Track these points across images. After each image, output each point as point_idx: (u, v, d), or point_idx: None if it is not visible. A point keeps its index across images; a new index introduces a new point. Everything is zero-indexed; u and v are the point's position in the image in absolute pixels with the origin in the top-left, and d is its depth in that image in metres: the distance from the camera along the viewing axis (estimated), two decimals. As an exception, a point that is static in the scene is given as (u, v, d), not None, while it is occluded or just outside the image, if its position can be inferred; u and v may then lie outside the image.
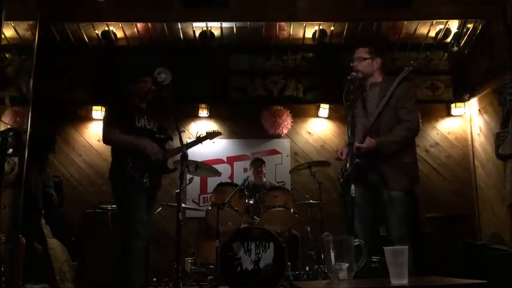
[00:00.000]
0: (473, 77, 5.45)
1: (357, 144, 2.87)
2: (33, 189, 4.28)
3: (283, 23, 5.47)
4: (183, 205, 4.11)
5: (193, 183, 4.71)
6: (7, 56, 4.68)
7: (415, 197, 4.93)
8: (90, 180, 5.66)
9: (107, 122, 3.40)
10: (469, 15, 5.11)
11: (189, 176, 4.27)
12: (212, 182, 4.92)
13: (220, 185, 4.43)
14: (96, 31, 5.45)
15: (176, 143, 3.52)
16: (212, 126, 5.85)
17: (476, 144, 5.56)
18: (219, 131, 4.15)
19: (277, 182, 5.45)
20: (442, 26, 5.40)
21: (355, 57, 3.14)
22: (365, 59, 3.11)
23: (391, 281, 1.77)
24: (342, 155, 3.16)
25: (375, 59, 3.13)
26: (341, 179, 3.22)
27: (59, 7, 4.59)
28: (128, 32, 5.54)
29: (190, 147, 3.78)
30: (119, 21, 5.35)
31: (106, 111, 3.61)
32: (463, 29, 5.41)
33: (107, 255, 4.29)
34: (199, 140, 3.89)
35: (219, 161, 5.69)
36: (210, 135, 4.00)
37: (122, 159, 3.29)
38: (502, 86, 4.35)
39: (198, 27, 5.47)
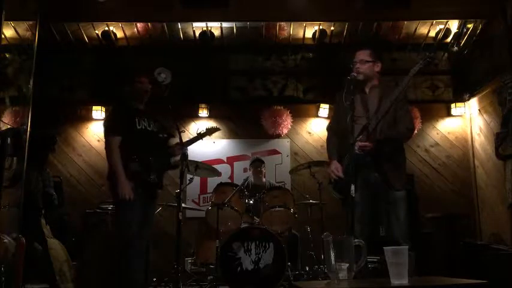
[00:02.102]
0: (473, 77, 5.45)
1: (361, 143, 2.90)
2: (33, 189, 4.27)
3: (283, 23, 5.47)
4: (183, 205, 4.11)
5: (193, 183, 4.71)
6: (7, 56, 4.68)
7: (416, 196, 4.95)
8: (90, 180, 5.66)
9: (109, 130, 3.38)
10: (469, 15, 5.11)
11: (189, 176, 4.27)
12: (212, 182, 4.91)
13: (220, 185, 4.43)
14: (96, 31, 5.45)
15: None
16: (212, 126, 5.85)
17: (476, 144, 5.56)
18: (217, 127, 4.18)
19: (277, 182, 5.45)
20: (442, 26, 5.40)
21: (358, 59, 3.16)
22: (367, 61, 3.14)
23: (391, 281, 1.77)
24: (338, 171, 3.13)
25: (376, 63, 3.18)
26: (334, 182, 3.21)
27: (59, 7, 4.59)
28: (128, 32, 5.54)
29: (191, 143, 3.80)
30: (119, 21, 5.34)
31: (107, 115, 3.57)
32: (463, 29, 5.40)
33: (107, 255, 4.29)
34: (199, 136, 3.91)
35: (219, 161, 5.69)
36: (209, 131, 4.02)
37: (125, 157, 3.28)
38: (502, 86, 4.35)
39: (198, 27, 5.47)
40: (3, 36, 4.25)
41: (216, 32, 5.56)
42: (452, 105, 5.75)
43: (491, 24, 4.99)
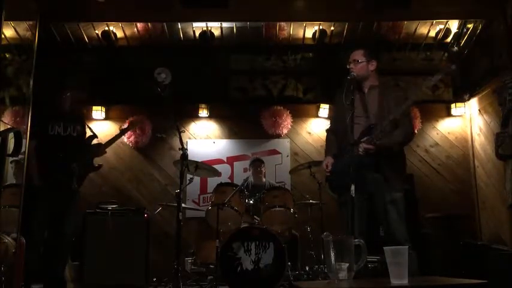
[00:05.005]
0: (473, 77, 5.45)
1: (366, 145, 2.90)
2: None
3: (283, 23, 5.47)
4: (183, 205, 4.11)
5: (193, 183, 4.71)
6: (7, 56, 4.68)
7: (415, 196, 4.95)
8: (90, 180, 5.61)
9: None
10: (469, 15, 5.11)
11: (189, 176, 4.28)
12: (212, 182, 4.91)
13: (220, 185, 4.43)
14: (96, 31, 5.45)
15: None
16: (212, 126, 5.86)
17: (476, 144, 5.56)
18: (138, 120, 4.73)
19: (277, 182, 5.45)
20: (442, 26, 5.41)
21: (351, 59, 3.17)
22: (360, 61, 3.14)
23: (391, 281, 1.77)
24: (328, 167, 3.16)
25: (371, 62, 3.17)
26: (328, 180, 3.23)
27: (59, 7, 4.59)
28: (127, 32, 5.54)
29: (113, 142, 4.07)
30: (119, 21, 5.34)
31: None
32: (463, 29, 5.41)
33: (107, 255, 4.29)
34: (122, 132, 4.27)
35: (219, 161, 5.69)
36: (132, 125, 4.68)
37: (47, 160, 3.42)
38: (502, 86, 4.35)
39: (198, 27, 5.47)
40: (3, 36, 4.25)
41: (216, 32, 5.56)
42: (452, 105, 5.75)
43: (491, 24, 4.99)
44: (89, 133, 3.96)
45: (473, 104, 5.62)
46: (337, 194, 3.18)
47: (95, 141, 3.89)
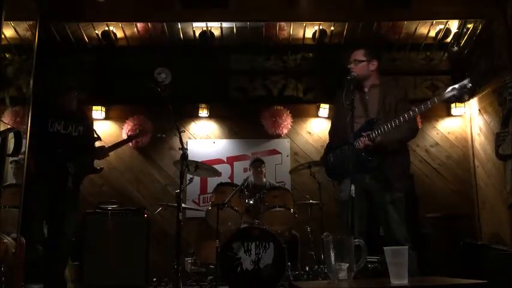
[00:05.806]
0: (473, 77, 5.45)
1: (366, 141, 2.91)
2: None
3: (283, 23, 5.47)
4: (183, 205, 4.11)
5: (193, 183, 4.71)
6: (7, 56, 4.68)
7: (415, 196, 4.95)
8: (90, 180, 5.64)
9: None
10: (469, 15, 5.11)
11: (189, 176, 4.28)
12: (212, 182, 4.91)
13: (220, 185, 4.43)
14: (96, 31, 5.45)
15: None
16: (212, 126, 5.86)
17: (476, 144, 5.56)
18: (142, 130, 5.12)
19: (277, 182, 5.44)
20: (442, 26, 5.40)
21: (352, 59, 3.18)
22: (361, 61, 3.14)
23: (391, 281, 1.77)
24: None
25: (371, 61, 3.17)
26: (326, 167, 3.28)
27: (59, 7, 4.59)
28: (127, 32, 5.53)
29: (118, 147, 4.07)
30: (119, 21, 5.34)
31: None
32: (463, 29, 5.41)
33: (107, 255, 4.29)
34: (129, 138, 4.46)
35: (219, 161, 5.69)
36: (140, 133, 4.88)
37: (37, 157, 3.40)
38: (502, 86, 4.35)
39: (198, 27, 5.47)
40: (3, 36, 4.25)
41: (216, 32, 5.56)
42: (452, 105, 5.74)
43: (491, 24, 4.99)
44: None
45: (473, 104, 5.61)
46: (336, 180, 3.23)
47: (97, 144, 3.85)
